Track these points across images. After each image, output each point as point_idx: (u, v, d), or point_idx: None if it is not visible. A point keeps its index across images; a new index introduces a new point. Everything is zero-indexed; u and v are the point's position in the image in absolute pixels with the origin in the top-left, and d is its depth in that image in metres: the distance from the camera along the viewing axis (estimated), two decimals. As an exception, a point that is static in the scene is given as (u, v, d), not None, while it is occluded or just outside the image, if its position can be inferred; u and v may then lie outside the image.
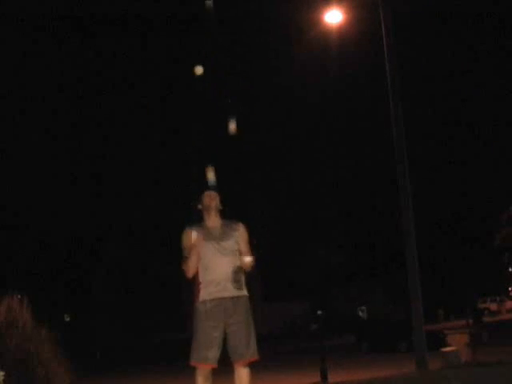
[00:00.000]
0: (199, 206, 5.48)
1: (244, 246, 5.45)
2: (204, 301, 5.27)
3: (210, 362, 5.22)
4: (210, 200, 5.42)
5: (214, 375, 5.35)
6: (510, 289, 56.87)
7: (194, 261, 5.29)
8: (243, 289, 5.38)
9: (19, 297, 9.47)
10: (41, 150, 60.22)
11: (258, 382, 6.77)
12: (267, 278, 45.69)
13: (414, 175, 15.51)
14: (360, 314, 53.15)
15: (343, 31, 15.18)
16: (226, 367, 5.42)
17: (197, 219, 5.52)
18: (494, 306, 53.15)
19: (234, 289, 5.29)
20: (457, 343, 15.57)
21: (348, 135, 63.43)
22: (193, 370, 5.31)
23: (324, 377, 16.38)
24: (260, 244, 5.52)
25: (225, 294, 5.26)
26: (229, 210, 5.55)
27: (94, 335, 45.13)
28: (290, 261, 49.97)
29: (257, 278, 42.00)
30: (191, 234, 5.37)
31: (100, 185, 59.36)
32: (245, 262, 5.39)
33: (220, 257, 5.29)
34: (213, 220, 5.42)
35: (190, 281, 5.40)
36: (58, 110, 60.57)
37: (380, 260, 52.83)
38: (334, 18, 14.69)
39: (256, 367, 5.43)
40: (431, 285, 39.61)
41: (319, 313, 19.87)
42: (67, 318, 48.01)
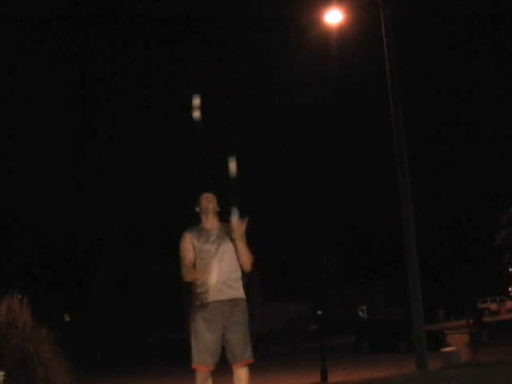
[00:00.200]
0: (197, 209, 5.46)
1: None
2: (202, 303, 5.26)
3: (209, 364, 5.21)
4: (208, 202, 5.40)
5: (213, 376, 5.35)
6: (510, 289, 56.82)
7: (188, 269, 5.28)
8: (240, 291, 5.36)
9: (19, 297, 9.46)
10: (41, 150, 60.29)
11: (258, 382, 6.78)
12: (267, 279, 45.66)
13: (414, 175, 15.50)
14: (360, 314, 53.11)
15: (343, 31, 15.19)
16: (225, 369, 5.42)
17: (195, 221, 5.50)
18: (494, 306, 53.12)
19: (231, 291, 5.28)
20: (457, 343, 15.57)
21: (348, 135, 63.52)
22: (192, 370, 5.30)
23: (324, 377, 16.35)
24: (260, 244, 5.46)
25: (222, 296, 5.24)
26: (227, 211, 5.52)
27: (94, 335, 45.10)
28: (289, 261, 49.93)
29: (256, 278, 41.99)
30: (189, 239, 5.35)
31: (100, 185, 59.42)
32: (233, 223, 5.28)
33: (217, 259, 5.27)
34: (210, 222, 5.40)
35: (188, 284, 5.40)
36: (58, 110, 60.59)
37: (380, 260, 52.81)
38: (333, 18, 14.71)
39: (256, 367, 5.43)
40: (431, 285, 39.60)
41: (319, 313, 19.83)
42: (67, 318, 47.97)
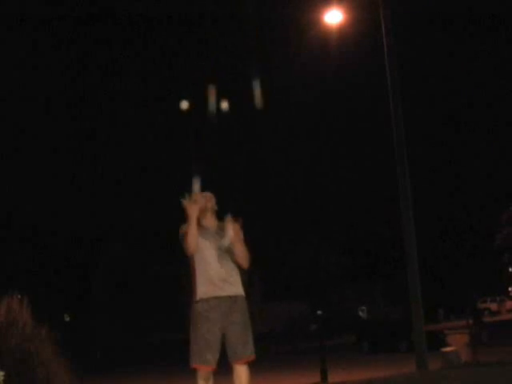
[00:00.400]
0: None
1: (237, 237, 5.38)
2: (200, 300, 5.25)
3: (210, 364, 5.20)
4: (206, 201, 5.42)
5: (214, 375, 5.34)
6: (510, 289, 56.83)
7: (193, 231, 5.21)
8: (239, 288, 5.37)
9: (19, 297, 9.45)
10: (41, 150, 60.30)
11: (258, 381, 6.78)
12: (267, 278, 45.70)
13: (414, 176, 15.50)
14: (360, 314, 53.12)
15: (343, 31, 15.18)
16: (226, 367, 5.42)
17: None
18: (494, 306, 53.12)
19: (230, 288, 5.28)
20: (457, 343, 15.54)
21: (348, 135, 63.55)
22: (193, 370, 5.30)
23: (324, 377, 16.33)
24: (260, 243, 5.47)
25: (221, 293, 5.24)
26: (226, 211, 5.52)
27: (94, 335, 45.11)
28: (289, 261, 49.94)
29: (256, 278, 42.01)
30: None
31: (100, 185, 59.42)
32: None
33: (216, 256, 5.28)
34: (208, 221, 5.42)
35: (187, 282, 5.39)
36: (58, 110, 60.61)
37: (380, 260, 52.84)
38: (333, 18, 14.70)
39: (256, 367, 5.43)
40: (431, 285, 39.62)
41: (319, 313, 19.82)
42: (67, 318, 47.98)
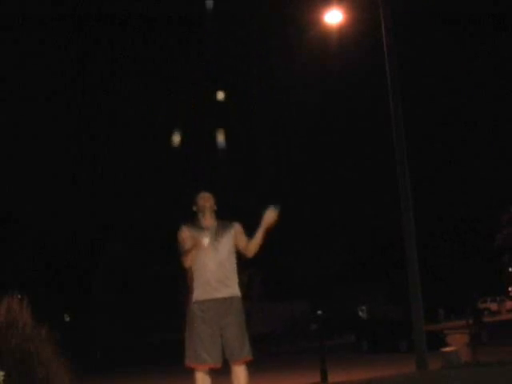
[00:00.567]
0: (194, 208, 5.45)
1: (244, 237, 5.41)
2: (197, 301, 5.25)
3: (208, 362, 5.19)
4: (205, 201, 5.40)
5: (214, 375, 5.34)
6: (510, 289, 56.82)
7: (193, 255, 5.22)
8: (236, 289, 5.36)
9: (19, 297, 9.45)
10: (41, 150, 60.30)
11: (258, 382, 6.78)
12: (267, 278, 45.64)
13: (414, 176, 15.50)
14: (360, 313, 53.09)
15: (343, 31, 15.17)
16: (225, 367, 5.42)
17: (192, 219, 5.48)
18: (494, 306, 53.14)
19: (226, 289, 5.27)
20: (457, 343, 15.54)
21: (348, 135, 63.54)
22: (192, 370, 5.30)
23: (324, 377, 16.32)
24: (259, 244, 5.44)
25: (217, 295, 5.23)
26: (227, 210, 5.52)
27: (94, 335, 45.10)
28: (289, 261, 49.93)
29: (257, 278, 41.95)
30: (187, 230, 5.34)
31: (100, 185, 59.43)
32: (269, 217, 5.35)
33: (214, 257, 5.27)
34: (208, 221, 5.39)
35: (186, 282, 5.38)
36: (58, 109, 60.60)
37: (380, 260, 52.82)
38: (333, 18, 14.69)
39: (256, 367, 5.42)
40: (431, 285, 39.58)
41: (319, 313, 19.79)
42: (67, 318, 47.96)
